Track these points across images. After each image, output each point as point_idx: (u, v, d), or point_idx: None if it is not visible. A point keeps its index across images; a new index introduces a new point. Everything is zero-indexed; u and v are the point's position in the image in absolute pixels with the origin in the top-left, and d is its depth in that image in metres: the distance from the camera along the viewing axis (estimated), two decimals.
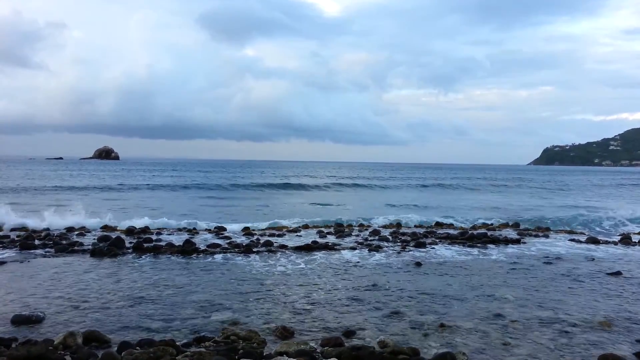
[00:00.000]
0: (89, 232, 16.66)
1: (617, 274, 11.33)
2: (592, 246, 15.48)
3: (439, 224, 20.78)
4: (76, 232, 16.29)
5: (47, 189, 36.25)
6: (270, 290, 9.43)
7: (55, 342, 6.37)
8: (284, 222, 19.84)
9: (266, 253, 13.27)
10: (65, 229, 16.97)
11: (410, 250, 14.04)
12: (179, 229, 17.81)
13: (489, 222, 21.83)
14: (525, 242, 15.88)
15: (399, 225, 20.14)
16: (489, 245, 15.27)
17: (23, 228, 16.72)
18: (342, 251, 13.77)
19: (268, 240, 14.94)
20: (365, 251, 13.81)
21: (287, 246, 14.17)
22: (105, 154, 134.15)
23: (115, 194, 35.07)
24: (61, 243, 13.85)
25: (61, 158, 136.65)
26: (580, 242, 16.24)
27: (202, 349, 6.30)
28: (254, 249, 13.56)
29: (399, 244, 15.18)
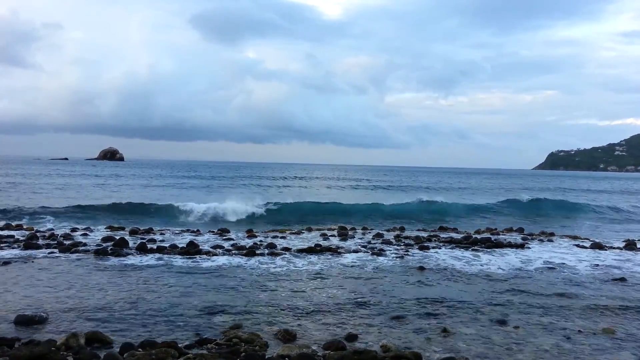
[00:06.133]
0: (93, 232, 16.71)
1: (622, 280, 11.26)
2: (597, 251, 15.38)
3: (442, 228, 20.74)
4: (80, 232, 16.34)
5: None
6: (272, 293, 9.43)
7: (57, 343, 6.38)
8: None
9: (269, 255, 13.27)
10: (69, 229, 17.04)
11: (414, 254, 14.00)
12: (183, 230, 17.83)
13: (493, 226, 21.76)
14: (529, 247, 15.80)
15: (402, 228, 20.12)
16: (493, 249, 15.20)
17: (28, 228, 16.79)
18: (345, 254, 13.75)
19: (271, 243, 14.95)
20: (369, 254, 13.78)
21: (290, 249, 14.17)
22: (110, 155, 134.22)
23: None
24: (65, 243, 13.89)
25: (66, 159, 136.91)
26: (585, 247, 16.16)
27: (205, 351, 6.31)
28: (257, 251, 13.56)
29: (402, 247, 15.15)
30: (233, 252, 13.53)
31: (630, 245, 16.49)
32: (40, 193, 31.72)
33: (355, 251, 14.21)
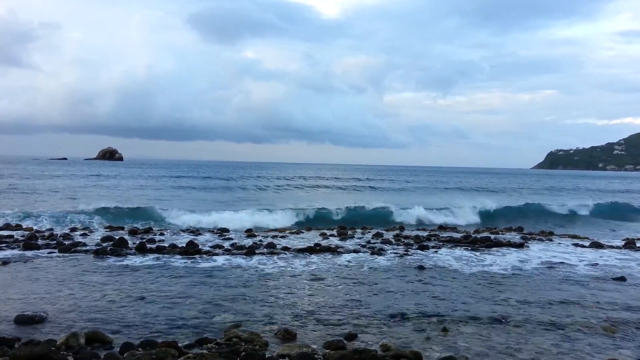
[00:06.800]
0: (92, 232, 16.70)
1: (621, 279, 11.28)
2: (596, 251, 15.39)
3: (442, 227, 20.75)
4: (80, 232, 16.33)
5: None
6: (272, 293, 9.43)
7: (57, 343, 6.38)
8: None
9: (269, 255, 13.26)
10: (69, 229, 17.02)
11: (413, 254, 14.00)
12: (182, 230, 17.83)
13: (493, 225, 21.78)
14: (528, 246, 15.81)
15: (402, 227, 20.13)
16: (492, 248, 15.21)
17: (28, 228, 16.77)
18: (344, 254, 13.75)
19: (271, 242, 14.96)
20: (368, 254, 13.79)
21: (289, 248, 14.17)
22: (109, 155, 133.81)
23: None
24: (64, 243, 13.88)
25: (65, 159, 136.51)
26: (584, 246, 16.17)
27: (205, 351, 6.31)
28: (257, 251, 13.56)
29: (401, 247, 15.16)
30: (233, 251, 13.53)
31: (630, 244, 16.51)
32: (39, 193, 31.60)
33: (355, 251, 14.21)
